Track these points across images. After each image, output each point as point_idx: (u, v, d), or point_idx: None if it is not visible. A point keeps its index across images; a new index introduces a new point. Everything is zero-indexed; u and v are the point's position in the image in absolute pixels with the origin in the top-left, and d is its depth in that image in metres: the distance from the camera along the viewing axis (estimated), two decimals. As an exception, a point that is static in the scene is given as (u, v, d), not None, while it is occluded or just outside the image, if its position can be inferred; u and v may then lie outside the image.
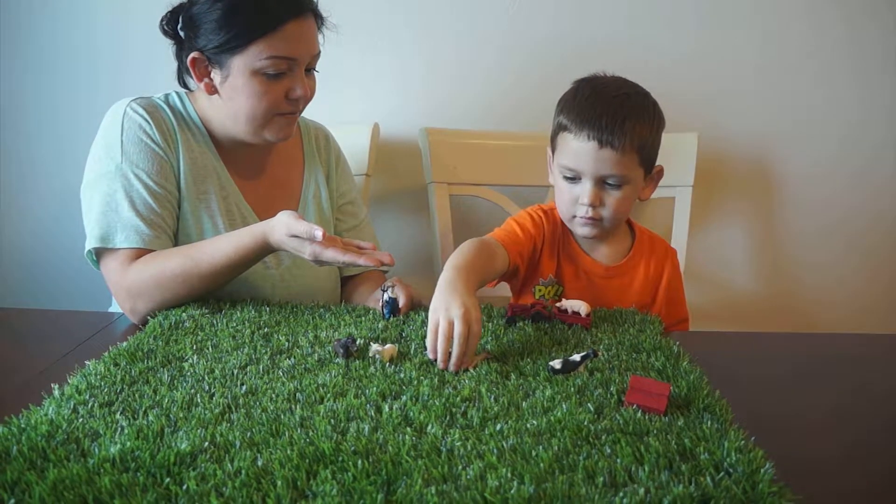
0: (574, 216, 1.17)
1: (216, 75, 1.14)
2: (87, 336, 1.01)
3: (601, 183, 1.14)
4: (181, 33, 1.16)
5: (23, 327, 1.09)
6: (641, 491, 0.57)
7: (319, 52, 1.18)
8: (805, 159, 1.72)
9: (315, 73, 1.20)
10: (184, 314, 1.02)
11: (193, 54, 1.13)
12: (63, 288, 1.76)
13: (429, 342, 0.87)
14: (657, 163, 1.20)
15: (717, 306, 1.82)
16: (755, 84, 1.68)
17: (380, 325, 1.00)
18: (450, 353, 0.86)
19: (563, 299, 1.07)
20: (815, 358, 1.02)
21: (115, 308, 1.24)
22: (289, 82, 1.14)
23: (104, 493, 0.56)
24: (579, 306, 1.02)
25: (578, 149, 1.13)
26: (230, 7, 1.09)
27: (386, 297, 1.05)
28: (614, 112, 1.11)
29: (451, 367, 0.85)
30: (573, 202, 1.16)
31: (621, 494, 0.57)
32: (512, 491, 0.57)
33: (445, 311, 0.87)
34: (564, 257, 1.24)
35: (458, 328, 0.85)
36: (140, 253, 1.09)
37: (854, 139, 1.71)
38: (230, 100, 1.15)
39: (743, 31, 1.65)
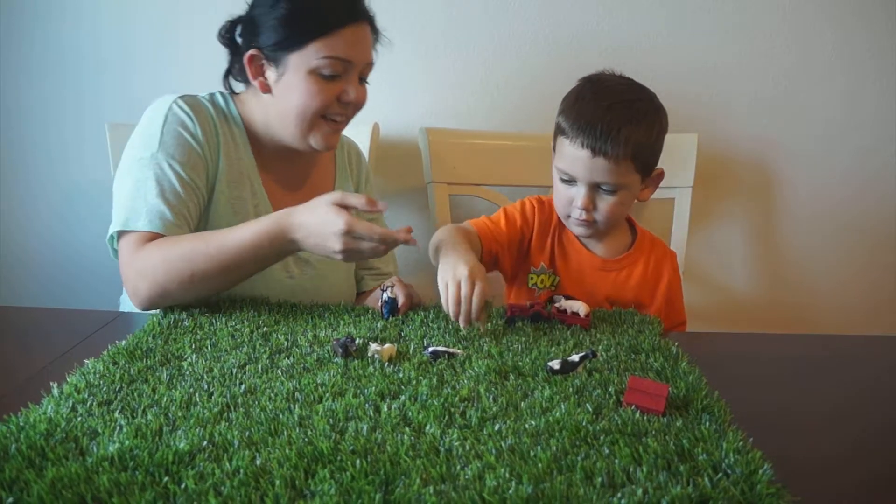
0: (569, 216, 1.20)
1: (271, 73, 1.15)
2: (86, 335, 1.01)
3: (595, 188, 1.15)
4: (238, 39, 1.18)
5: (22, 325, 1.09)
6: (640, 491, 0.57)
7: (373, 62, 1.20)
8: (804, 161, 1.73)
9: (366, 84, 1.21)
10: (183, 313, 1.02)
11: (251, 51, 1.14)
12: (68, 287, 1.76)
13: (449, 308, 0.97)
14: (658, 165, 1.20)
15: (716, 307, 1.82)
16: (755, 86, 1.68)
17: (379, 325, 1.00)
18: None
19: (562, 298, 1.08)
20: (813, 359, 1.02)
21: (124, 307, 1.24)
22: (342, 85, 1.15)
23: (102, 491, 0.56)
24: (578, 307, 1.02)
25: (573, 155, 1.13)
26: (293, 6, 1.11)
27: (385, 296, 1.05)
28: (610, 121, 1.10)
29: (463, 324, 0.97)
30: (568, 203, 1.18)
31: (619, 495, 0.57)
32: (510, 491, 0.57)
33: (453, 276, 0.97)
34: (559, 248, 1.26)
35: (464, 289, 0.96)
36: (156, 238, 1.07)
37: (853, 140, 1.71)
38: (283, 98, 1.15)
39: (743, 34, 1.65)
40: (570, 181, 1.17)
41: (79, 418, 0.69)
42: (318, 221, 0.99)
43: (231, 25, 1.20)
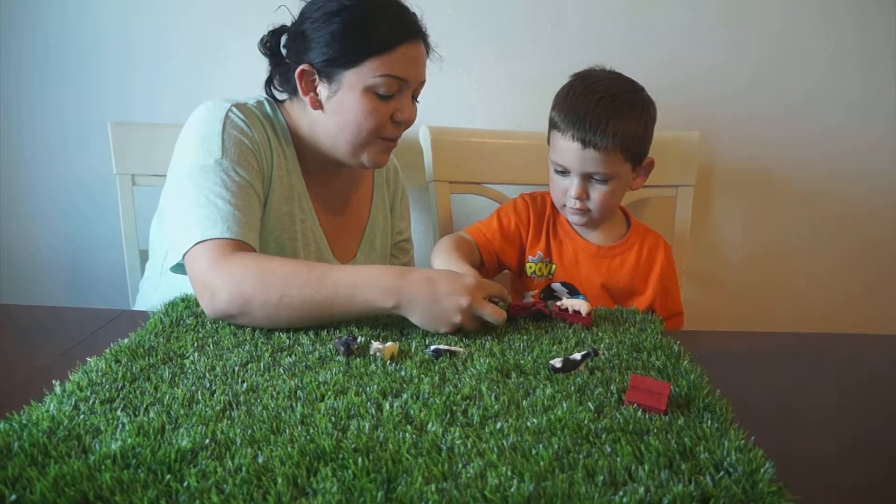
0: (564, 205, 1.27)
1: (323, 89, 1.12)
2: (88, 333, 1.01)
3: (587, 178, 1.22)
4: (283, 51, 1.16)
5: (24, 323, 1.09)
6: (641, 490, 0.57)
7: (425, 80, 1.18)
8: (805, 160, 1.72)
9: (417, 102, 1.20)
10: (185, 311, 1.02)
11: (303, 66, 1.11)
12: (70, 285, 1.77)
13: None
14: (650, 155, 1.26)
15: (718, 305, 1.82)
16: (758, 84, 1.68)
17: (381, 323, 1.00)
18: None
19: (560, 285, 1.11)
20: (815, 357, 1.02)
21: (139, 306, 1.23)
22: (396, 104, 1.14)
23: (105, 489, 0.56)
24: (580, 305, 1.02)
25: (565, 147, 1.20)
26: (348, 22, 1.08)
27: None
28: (599, 114, 1.17)
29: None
30: (563, 193, 1.25)
31: (621, 493, 0.57)
32: (512, 489, 0.57)
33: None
34: (554, 237, 1.33)
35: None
36: (239, 244, 1.01)
37: (854, 140, 1.71)
38: (336, 115, 1.13)
39: (746, 32, 1.65)
40: (563, 172, 1.24)
41: (81, 416, 0.69)
42: (449, 275, 0.94)
43: (274, 35, 1.17)
